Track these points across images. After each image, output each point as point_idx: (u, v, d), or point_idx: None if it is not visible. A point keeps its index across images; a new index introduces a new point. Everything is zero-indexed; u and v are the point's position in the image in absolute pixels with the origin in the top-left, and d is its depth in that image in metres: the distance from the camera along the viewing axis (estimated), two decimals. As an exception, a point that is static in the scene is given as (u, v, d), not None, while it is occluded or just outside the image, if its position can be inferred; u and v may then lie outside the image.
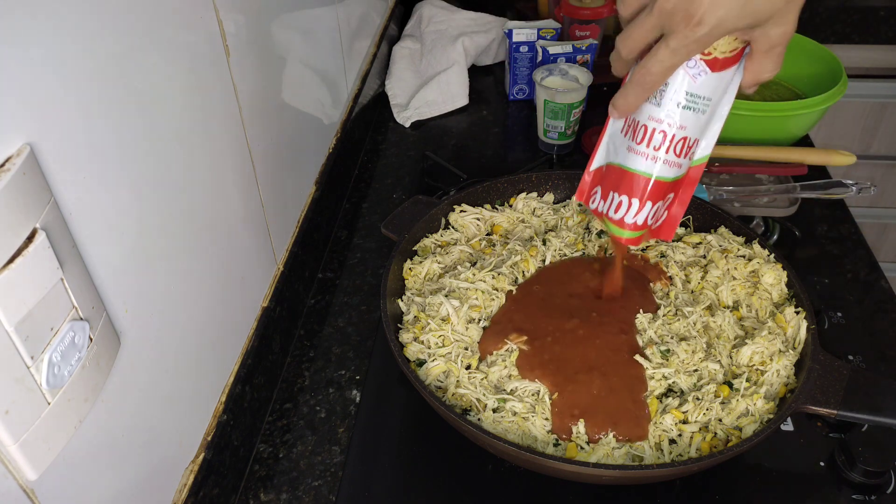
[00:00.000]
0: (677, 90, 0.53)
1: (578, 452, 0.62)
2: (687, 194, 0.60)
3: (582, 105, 1.08)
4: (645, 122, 0.55)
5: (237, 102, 0.67)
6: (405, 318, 0.73)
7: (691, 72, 0.52)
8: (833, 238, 0.95)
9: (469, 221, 0.84)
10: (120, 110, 0.47)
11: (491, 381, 0.67)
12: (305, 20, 0.89)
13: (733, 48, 0.52)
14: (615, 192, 0.59)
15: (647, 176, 0.57)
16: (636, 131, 0.56)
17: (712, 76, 0.53)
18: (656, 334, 0.70)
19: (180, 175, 0.57)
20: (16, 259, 0.36)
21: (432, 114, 1.24)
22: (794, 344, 0.69)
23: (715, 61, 0.52)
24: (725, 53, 0.52)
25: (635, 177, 0.57)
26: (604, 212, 0.61)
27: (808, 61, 1.09)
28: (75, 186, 0.43)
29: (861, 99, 1.59)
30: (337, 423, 0.75)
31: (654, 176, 0.56)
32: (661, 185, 0.57)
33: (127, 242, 0.49)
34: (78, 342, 0.42)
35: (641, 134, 0.55)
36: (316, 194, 0.93)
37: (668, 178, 0.57)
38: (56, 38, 0.40)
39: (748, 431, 0.62)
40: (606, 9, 1.24)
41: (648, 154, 0.56)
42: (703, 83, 0.53)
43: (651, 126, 0.55)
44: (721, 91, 0.55)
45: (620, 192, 0.58)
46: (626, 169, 0.57)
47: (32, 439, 0.39)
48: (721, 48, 0.52)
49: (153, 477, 0.55)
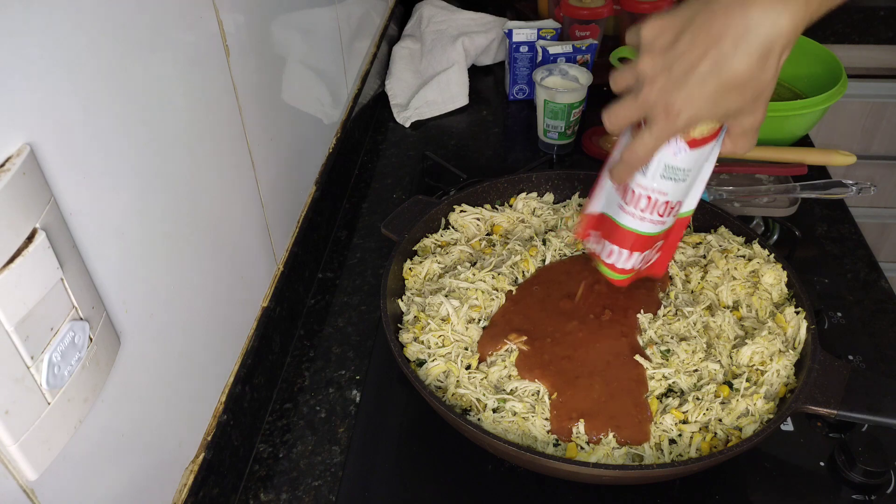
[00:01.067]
0: (659, 164, 0.59)
1: (578, 452, 0.62)
2: (675, 240, 0.67)
3: (582, 105, 1.08)
4: (633, 188, 0.61)
5: (237, 102, 0.67)
6: (405, 318, 0.73)
7: (671, 149, 0.58)
8: (833, 238, 0.95)
9: (469, 221, 0.84)
10: (120, 110, 0.48)
11: (491, 381, 0.67)
12: (305, 20, 0.89)
13: (711, 128, 0.58)
14: (607, 240, 0.66)
15: (635, 232, 0.63)
16: (626, 192, 0.62)
17: (691, 153, 0.58)
18: (656, 334, 0.70)
19: (180, 175, 0.57)
20: (16, 259, 0.36)
21: (432, 114, 1.24)
22: (794, 344, 0.69)
23: (693, 141, 0.58)
24: (703, 134, 0.58)
25: (624, 231, 0.63)
26: (598, 254, 0.68)
27: (808, 61, 1.09)
28: (75, 186, 0.43)
29: (861, 99, 1.59)
30: (337, 423, 0.75)
31: (640, 232, 0.63)
32: (648, 238, 0.64)
33: (127, 242, 0.49)
34: (78, 342, 0.42)
35: (630, 196, 0.61)
36: (316, 194, 0.93)
37: (654, 233, 0.63)
38: (56, 38, 0.40)
39: (748, 431, 0.62)
40: (606, 9, 1.24)
41: (636, 214, 0.62)
42: (683, 159, 0.59)
43: (638, 191, 0.61)
44: (701, 162, 0.60)
45: (612, 242, 0.65)
46: (617, 223, 0.64)
47: (32, 439, 0.39)
48: (699, 131, 0.57)
49: (153, 477, 0.55)
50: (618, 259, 0.65)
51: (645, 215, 0.61)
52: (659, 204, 0.61)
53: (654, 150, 0.57)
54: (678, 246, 0.79)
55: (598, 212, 0.67)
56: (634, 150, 0.58)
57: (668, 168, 0.59)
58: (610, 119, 0.58)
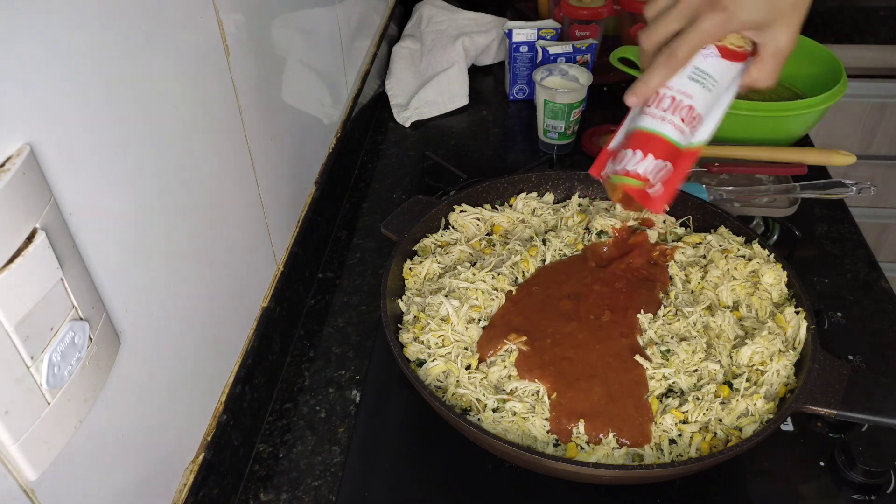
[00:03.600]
0: (689, 65, 0.61)
1: (578, 452, 0.62)
2: (682, 171, 0.66)
3: (582, 105, 1.08)
4: (659, 89, 0.63)
5: (237, 102, 0.67)
6: (405, 318, 0.73)
7: (702, 53, 0.61)
8: (833, 238, 0.95)
9: (469, 221, 0.84)
10: (120, 110, 0.48)
11: (491, 381, 0.67)
12: (305, 20, 0.89)
13: (741, 45, 0.61)
14: (624, 149, 0.65)
15: (653, 132, 0.63)
16: (649, 98, 0.63)
17: (721, 61, 0.61)
18: (656, 334, 0.70)
19: (180, 175, 0.57)
20: (16, 259, 0.36)
21: (432, 114, 1.24)
22: (794, 344, 0.69)
23: (725, 49, 0.61)
24: (734, 46, 0.61)
25: (643, 133, 0.64)
26: (610, 171, 0.67)
27: (808, 61, 1.09)
28: (75, 186, 0.43)
29: (861, 99, 1.59)
30: (337, 423, 0.75)
31: (659, 132, 0.63)
32: (663, 143, 0.63)
33: (127, 242, 0.49)
34: (78, 342, 0.42)
35: (653, 99, 0.63)
36: (316, 194, 0.93)
37: (671, 139, 0.63)
38: (56, 38, 0.41)
39: (748, 431, 0.62)
40: (606, 9, 1.24)
41: (657, 114, 0.63)
42: (711, 64, 0.61)
43: (662, 91, 0.62)
44: (726, 80, 0.62)
45: (627, 148, 0.65)
46: (636, 129, 0.64)
47: (32, 439, 0.39)
48: (731, 40, 0.60)
49: (153, 477, 0.55)
50: (630, 160, 0.64)
51: (667, 115, 0.62)
52: (682, 106, 0.62)
53: (696, 47, 0.59)
54: (679, 247, 0.79)
55: (618, 143, 0.67)
56: (674, 51, 0.59)
57: (696, 70, 0.61)
58: (647, 36, 0.61)
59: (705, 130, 0.64)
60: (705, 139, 0.64)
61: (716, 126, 0.64)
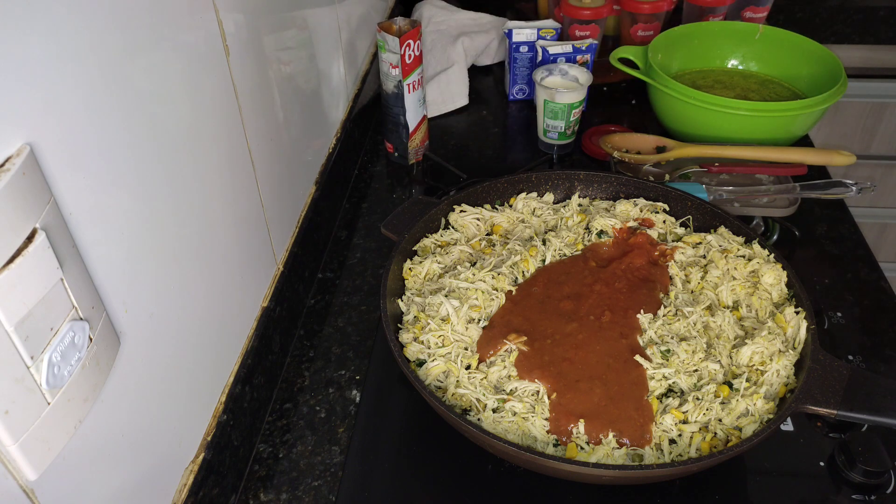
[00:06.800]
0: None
1: (578, 452, 0.62)
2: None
3: (582, 105, 1.08)
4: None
5: (237, 102, 0.67)
6: (405, 318, 0.73)
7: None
8: (833, 238, 0.95)
9: (469, 221, 0.84)
10: (120, 110, 0.47)
11: (490, 381, 0.67)
12: (305, 20, 0.89)
13: None
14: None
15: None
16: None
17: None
18: (656, 334, 0.70)
19: (180, 175, 0.57)
20: (16, 259, 0.36)
21: (432, 114, 1.24)
22: (794, 344, 0.69)
23: None
24: None
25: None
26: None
27: (808, 61, 1.09)
28: (75, 186, 0.43)
29: (861, 99, 1.59)
30: (337, 423, 0.75)
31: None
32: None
33: (127, 242, 0.49)
34: (78, 342, 0.42)
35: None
36: (316, 194, 0.93)
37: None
38: (56, 38, 0.40)
39: (748, 431, 0.62)
40: (606, 9, 1.24)
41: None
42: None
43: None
44: None
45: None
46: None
47: (32, 439, 0.39)
48: None
49: (153, 477, 0.55)
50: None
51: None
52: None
53: None
54: (679, 247, 0.79)
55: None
56: None
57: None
58: None
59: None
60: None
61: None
